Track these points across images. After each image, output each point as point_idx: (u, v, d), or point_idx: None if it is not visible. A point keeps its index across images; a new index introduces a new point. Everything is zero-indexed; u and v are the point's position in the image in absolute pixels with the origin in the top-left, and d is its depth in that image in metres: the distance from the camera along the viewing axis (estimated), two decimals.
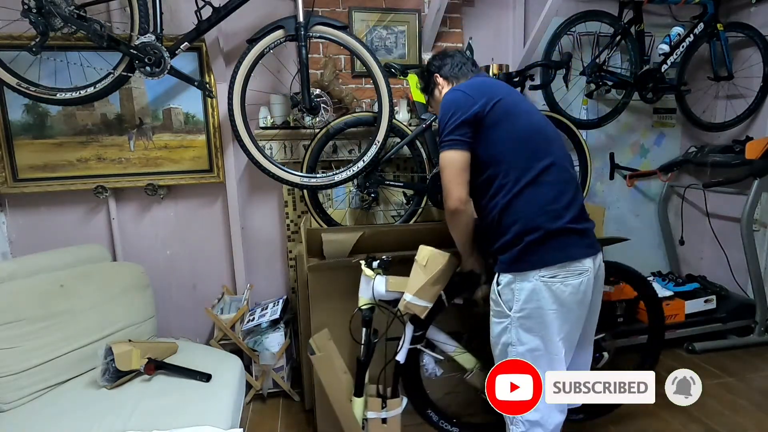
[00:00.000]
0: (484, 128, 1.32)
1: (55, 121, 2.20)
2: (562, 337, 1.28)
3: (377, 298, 1.61)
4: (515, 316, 1.29)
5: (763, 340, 2.70)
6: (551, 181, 1.29)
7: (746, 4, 2.87)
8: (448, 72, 1.59)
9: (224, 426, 1.45)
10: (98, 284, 1.87)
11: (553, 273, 1.25)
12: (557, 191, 1.29)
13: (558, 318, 1.26)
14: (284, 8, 2.36)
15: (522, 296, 1.27)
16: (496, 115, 1.31)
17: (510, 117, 1.32)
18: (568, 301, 1.26)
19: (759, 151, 2.53)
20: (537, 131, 1.34)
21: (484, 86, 1.40)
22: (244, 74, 1.92)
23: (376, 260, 1.62)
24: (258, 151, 1.99)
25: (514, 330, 1.30)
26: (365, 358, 1.64)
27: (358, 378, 1.66)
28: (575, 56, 2.76)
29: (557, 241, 1.26)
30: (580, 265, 1.27)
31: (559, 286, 1.25)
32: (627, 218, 3.13)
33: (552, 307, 1.26)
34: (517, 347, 1.30)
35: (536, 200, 1.27)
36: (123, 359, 1.62)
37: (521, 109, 1.36)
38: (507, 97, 1.36)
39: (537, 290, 1.25)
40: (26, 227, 2.29)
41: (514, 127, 1.32)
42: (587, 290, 1.29)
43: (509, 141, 1.30)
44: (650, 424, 2.05)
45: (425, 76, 1.68)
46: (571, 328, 1.30)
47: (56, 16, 1.68)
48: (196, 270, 2.53)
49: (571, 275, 1.26)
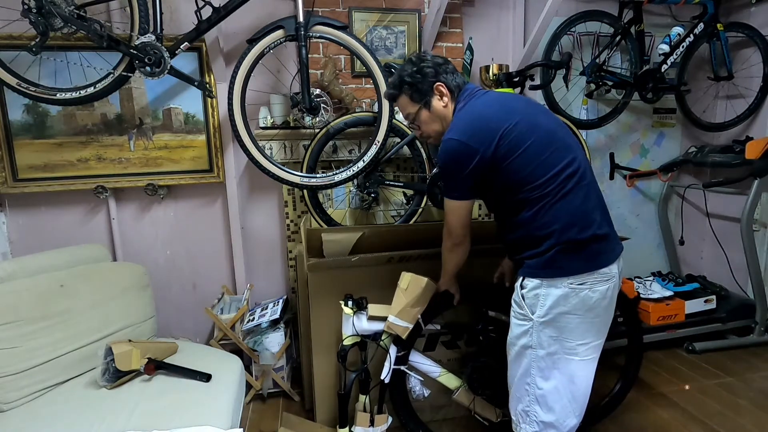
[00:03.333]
0: (496, 165, 1.28)
1: (55, 121, 2.20)
2: (586, 343, 1.28)
3: (360, 333, 1.72)
4: (538, 321, 1.28)
5: (763, 340, 2.70)
6: (574, 188, 1.27)
7: (746, 4, 2.87)
8: (452, 82, 1.39)
9: (224, 426, 1.45)
10: (98, 284, 1.87)
11: (583, 280, 1.24)
12: (582, 197, 1.27)
13: (583, 323, 1.26)
14: (284, 8, 2.36)
15: (548, 302, 1.26)
16: (505, 149, 1.26)
17: (523, 140, 1.26)
18: (595, 307, 1.26)
19: (759, 151, 2.53)
20: (552, 141, 1.29)
21: (489, 123, 1.28)
22: (244, 74, 1.92)
23: (352, 300, 1.73)
24: (258, 151, 1.99)
25: (536, 334, 1.29)
26: (344, 391, 1.75)
27: (341, 410, 1.76)
28: (575, 56, 2.76)
29: (587, 250, 1.25)
30: (607, 271, 1.27)
31: (587, 293, 1.24)
32: (627, 218, 3.13)
33: (578, 313, 1.25)
34: (537, 350, 1.29)
35: (565, 210, 1.25)
36: (123, 359, 1.62)
37: (533, 125, 1.29)
38: (516, 123, 1.27)
39: (565, 296, 1.24)
40: (26, 227, 2.29)
41: (529, 148, 1.25)
42: (614, 294, 1.30)
43: (527, 164, 1.26)
44: (650, 424, 2.05)
45: (415, 82, 1.39)
46: (597, 333, 1.30)
47: (56, 16, 1.68)
48: (196, 270, 2.53)
49: (599, 282, 1.26)
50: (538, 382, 1.31)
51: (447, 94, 1.39)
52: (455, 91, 1.40)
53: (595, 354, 1.31)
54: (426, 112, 1.41)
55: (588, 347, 1.28)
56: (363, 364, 1.78)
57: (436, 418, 2.02)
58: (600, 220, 1.28)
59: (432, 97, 1.39)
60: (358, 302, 1.74)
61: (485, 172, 1.29)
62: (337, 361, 1.75)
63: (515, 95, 1.51)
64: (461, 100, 1.38)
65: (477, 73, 2.62)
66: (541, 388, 1.31)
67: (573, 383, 1.29)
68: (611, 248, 1.30)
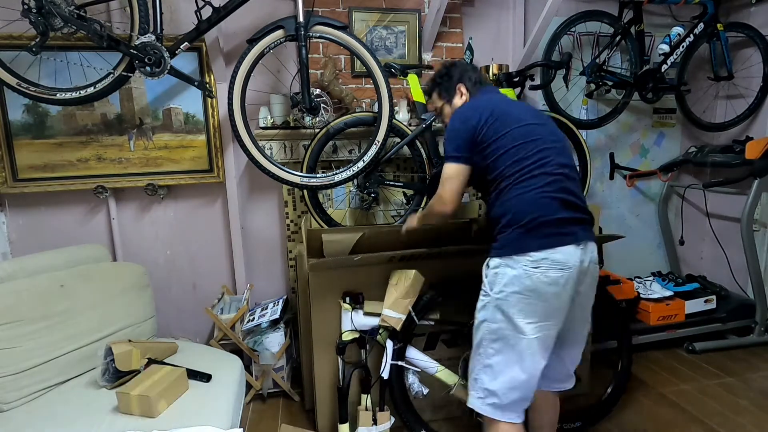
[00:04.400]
0: (481, 141, 1.47)
1: (55, 121, 2.20)
2: (533, 323, 1.35)
3: (358, 328, 1.81)
4: (494, 297, 1.39)
5: (763, 340, 2.70)
6: (536, 177, 1.39)
7: (746, 4, 2.87)
8: (472, 85, 1.69)
9: (224, 426, 1.45)
10: (98, 284, 1.87)
11: (537, 264, 1.33)
12: (543, 184, 1.38)
13: (530, 304, 1.34)
14: (284, 8, 2.36)
15: (504, 280, 1.37)
16: (490, 129, 1.45)
17: (502, 128, 1.45)
18: (544, 292, 1.33)
19: (759, 151, 2.53)
20: (527, 135, 1.44)
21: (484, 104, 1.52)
22: (244, 74, 1.92)
23: (349, 296, 1.84)
24: (258, 151, 1.99)
25: (490, 309, 1.40)
26: (344, 386, 1.80)
27: (340, 405, 1.80)
28: (575, 56, 2.76)
29: (540, 232, 1.35)
30: (563, 260, 1.34)
31: (539, 276, 1.33)
32: (627, 218, 3.13)
33: (528, 294, 1.34)
34: (491, 324, 1.40)
35: (522, 195, 1.38)
36: (123, 359, 1.62)
37: (515, 119, 1.47)
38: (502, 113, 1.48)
39: (518, 277, 1.34)
40: (26, 227, 2.29)
41: (504, 136, 1.44)
42: (567, 284, 1.35)
43: (497, 149, 1.44)
44: (650, 424, 2.05)
45: (444, 83, 1.73)
46: (544, 315, 1.36)
47: (56, 16, 1.68)
48: (196, 270, 2.53)
49: (553, 268, 1.33)
50: (488, 353, 1.41)
51: (465, 93, 1.69)
52: (473, 91, 1.68)
53: (542, 333, 1.36)
54: (448, 107, 1.72)
55: (534, 326, 1.35)
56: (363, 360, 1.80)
57: (437, 417, 2.03)
58: (558, 206, 1.37)
59: (454, 95, 1.69)
60: (355, 298, 1.82)
61: (476, 145, 1.47)
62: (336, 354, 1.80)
63: (516, 102, 1.70)
64: (475, 95, 1.67)
65: None
66: (490, 358, 1.40)
67: (520, 359, 1.36)
68: (569, 232, 1.37)
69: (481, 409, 1.41)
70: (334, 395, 1.90)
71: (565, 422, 1.97)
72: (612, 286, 2.58)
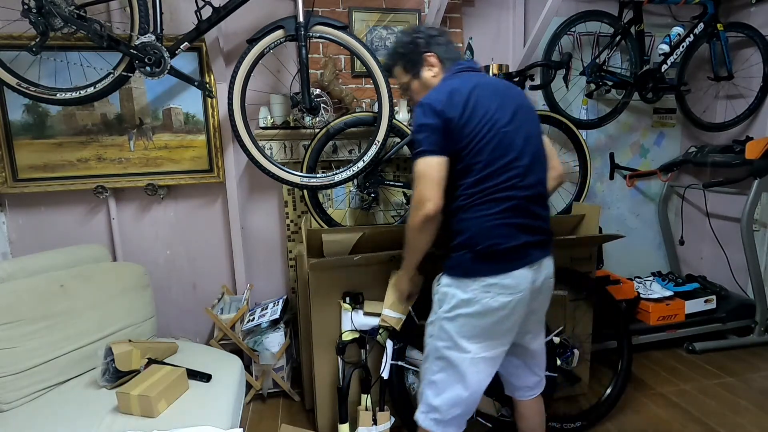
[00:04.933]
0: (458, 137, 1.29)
1: (55, 121, 2.20)
2: (479, 344, 1.32)
3: (358, 328, 1.81)
4: (441, 315, 1.36)
5: (763, 340, 2.70)
6: (499, 200, 1.28)
7: (746, 4, 2.87)
8: (444, 54, 1.42)
9: (224, 426, 1.45)
10: (98, 284, 1.87)
11: (487, 289, 1.28)
12: (502, 209, 1.28)
13: (478, 326, 1.31)
14: (284, 8, 2.36)
15: (453, 301, 1.33)
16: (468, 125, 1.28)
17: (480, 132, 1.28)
18: (493, 315, 1.30)
19: (759, 151, 2.53)
20: (506, 145, 1.29)
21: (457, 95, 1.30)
22: (244, 74, 1.92)
23: (349, 296, 1.84)
24: (258, 151, 1.99)
25: (438, 326, 1.37)
26: (344, 386, 1.81)
27: (340, 405, 1.81)
28: (575, 56, 2.76)
29: (493, 259, 1.29)
30: (513, 285, 1.29)
31: (488, 301, 1.28)
32: (627, 218, 3.13)
33: (476, 317, 1.30)
34: (437, 341, 1.37)
35: (479, 219, 1.29)
36: (123, 359, 1.62)
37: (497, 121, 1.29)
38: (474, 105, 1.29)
39: (468, 300, 1.30)
40: (26, 227, 2.29)
41: (480, 142, 1.28)
42: (517, 307, 1.31)
43: (471, 157, 1.28)
44: (650, 424, 2.05)
45: (407, 53, 1.44)
46: (491, 337, 1.33)
47: (56, 16, 1.68)
48: (196, 270, 2.53)
49: (504, 293, 1.28)
50: (433, 369, 1.39)
51: (437, 65, 1.43)
52: (447, 63, 1.43)
53: (487, 354, 1.34)
54: (416, 82, 1.46)
55: (479, 346, 1.32)
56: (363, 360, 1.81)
57: None
58: (518, 233, 1.29)
59: (422, 67, 1.43)
60: (355, 298, 1.82)
61: (448, 138, 1.28)
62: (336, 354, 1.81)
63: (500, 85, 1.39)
64: (450, 72, 1.41)
65: None
66: (434, 375, 1.38)
67: (463, 378, 1.34)
68: (524, 256, 1.30)
69: (424, 423, 1.40)
70: (334, 395, 1.90)
71: (565, 422, 1.97)
72: (612, 286, 2.58)
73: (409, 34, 1.45)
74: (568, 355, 2.02)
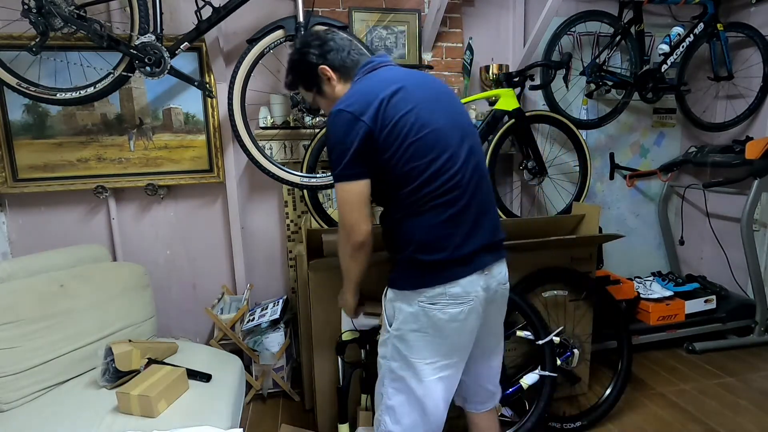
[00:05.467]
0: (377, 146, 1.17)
1: (55, 121, 2.20)
2: (434, 362, 1.23)
3: (358, 328, 1.76)
4: (393, 333, 1.26)
5: (763, 340, 2.70)
6: (441, 206, 1.18)
7: (746, 4, 2.87)
8: (339, 61, 1.29)
9: (224, 426, 1.45)
10: (98, 284, 1.87)
11: (433, 300, 1.19)
12: (446, 216, 1.19)
13: (431, 343, 1.22)
14: (284, 8, 2.36)
15: (401, 317, 1.24)
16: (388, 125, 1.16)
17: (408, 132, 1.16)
18: (444, 328, 1.21)
19: (759, 151, 2.53)
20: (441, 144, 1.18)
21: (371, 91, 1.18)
22: (244, 74, 1.92)
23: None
24: (258, 151, 1.99)
25: (390, 345, 1.27)
26: (344, 386, 1.78)
27: (340, 405, 1.78)
28: (575, 56, 2.76)
29: (438, 269, 1.20)
30: (462, 294, 1.20)
31: (436, 314, 1.19)
32: (627, 218, 3.13)
33: (427, 332, 1.21)
34: (390, 362, 1.28)
35: (422, 228, 1.20)
36: (123, 359, 1.62)
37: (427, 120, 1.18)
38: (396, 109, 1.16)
39: (415, 315, 1.21)
40: (26, 227, 2.29)
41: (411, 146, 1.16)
42: (469, 317, 1.22)
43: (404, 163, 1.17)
44: (650, 424, 2.05)
45: (302, 71, 1.32)
46: (446, 354, 1.24)
47: (56, 16, 1.68)
48: (196, 270, 2.53)
49: (451, 304, 1.19)
50: (389, 393, 1.28)
51: (333, 76, 1.29)
52: (346, 70, 1.29)
53: (445, 373, 1.25)
54: (321, 99, 1.35)
55: (435, 367, 1.23)
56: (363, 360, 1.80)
57: None
58: (464, 239, 1.20)
59: (321, 82, 1.31)
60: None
61: (371, 151, 1.17)
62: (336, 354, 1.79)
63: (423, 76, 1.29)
64: (358, 76, 1.28)
65: (477, 73, 2.62)
66: (391, 399, 1.28)
67: (422, 400, 1.24)
68: (470, 262, 1.21)
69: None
70: (333, 395, 1.90)
71: (565, 422, 1.97)
72: (612, 286, 2.58)
73: (298, 50, 1.32)
74: (568, 355, 2.02)
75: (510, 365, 2.07)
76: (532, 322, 1.93)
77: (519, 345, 2.09)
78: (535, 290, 2.05)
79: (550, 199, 2.83)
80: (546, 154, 2.69)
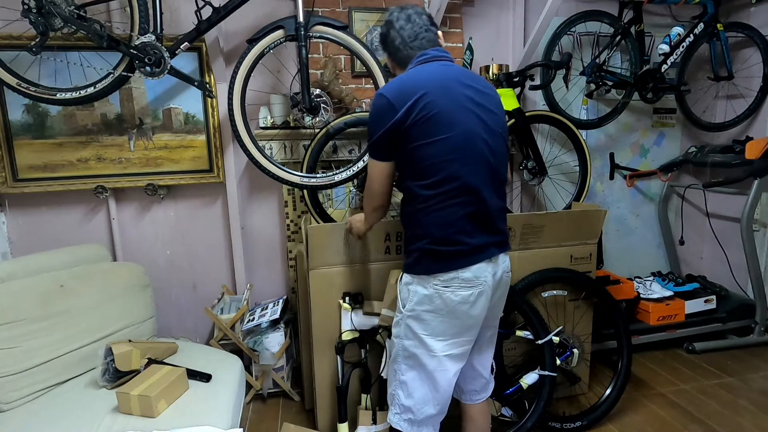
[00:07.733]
0: (405, 137, 1.28)
1: (55, 121, 2.20)
2: (445, 340, 1.35)
3: (358, 328, 1.82)
4: (406, 314, 1.37)
5: (763, 340, 2.70)
6: (455, 203, 1.28)
7: (746, 4, 2.87)
8: (392, 49, 1.48)
9: (224, 426, 1.45)
10: (98, 284, 1.87)
11: (447, 283, 1.30)
12: (461, 210, 1.29)
13: (443, 323, 1.33)
14: (284, 8, 2.36)
15: (415, 299, 1.35)
16: (418, 122, 1.25)
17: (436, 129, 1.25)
18: (456, 310, 1.31)
19: (759, 151, 2.53)
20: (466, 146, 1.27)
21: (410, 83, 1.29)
22: (244, 74, 1.92)
23: (349, 296, 1.85)
24: (258, 151, 1.99)
25: (403, 325, 1.38)
26: (344, 385, 1.81)
27: (340, 404, 1.80)
28: (575, 56, 2.77)
29: (452, 255, 1.30)
30: (474, 280, 1.31)
31: (449, 296, 1.30)
32: (627, 218, 3.13)
33: (440, 313, 1.32)
34: (404, 341, 1.39)
35: (438, 221, 1.30)
36: (123, 359, 1.62)
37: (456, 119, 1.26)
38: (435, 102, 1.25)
39: (430, 297, 1.32)
40: (26, 227, 2.29)
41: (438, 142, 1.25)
42: (479, 300, 1.33)
43: (428, 157, 1.27)
44: (650, 424, 2.05)
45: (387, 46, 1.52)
46: (457, 333, 1.35)
47: (56, 16, 1.68)
48: (196, 270, 2.53)
49: (464, 286, 1.30)
50: (402, 369, 1.40)
51: (390, 64, 1.53)
52: (399, 60, 1.47)
53: (455, 351, 1.36)
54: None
55: (446, 344, 1.34)
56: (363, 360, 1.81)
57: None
58: (476, 233, 1.31)
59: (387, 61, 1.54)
60: (355, 297, 1.82)
61: (397, 140, 1.29)
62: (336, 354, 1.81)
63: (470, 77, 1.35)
64: (412, 65, 1.42)
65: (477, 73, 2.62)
66: (404, 375, 1.39)
67: (433, 376, 1.36)
68: (481, 251, 1.32)
69: (398, 425, 1.41)
70: (333, 395, 1.90)
71: (565, 422, 1.97)
72: (612, 286, 2.58)
73: (381, 33, 1.54)
74: (568, 355, 2.03)
75: (510, 365, 2.07)
76: (532, 322, 1.93)
77: (519, 345, 2.09)
78: (535, 290, 2.05)
79: (550, 199, 2.83)
80: (546, 154, 2.69)
